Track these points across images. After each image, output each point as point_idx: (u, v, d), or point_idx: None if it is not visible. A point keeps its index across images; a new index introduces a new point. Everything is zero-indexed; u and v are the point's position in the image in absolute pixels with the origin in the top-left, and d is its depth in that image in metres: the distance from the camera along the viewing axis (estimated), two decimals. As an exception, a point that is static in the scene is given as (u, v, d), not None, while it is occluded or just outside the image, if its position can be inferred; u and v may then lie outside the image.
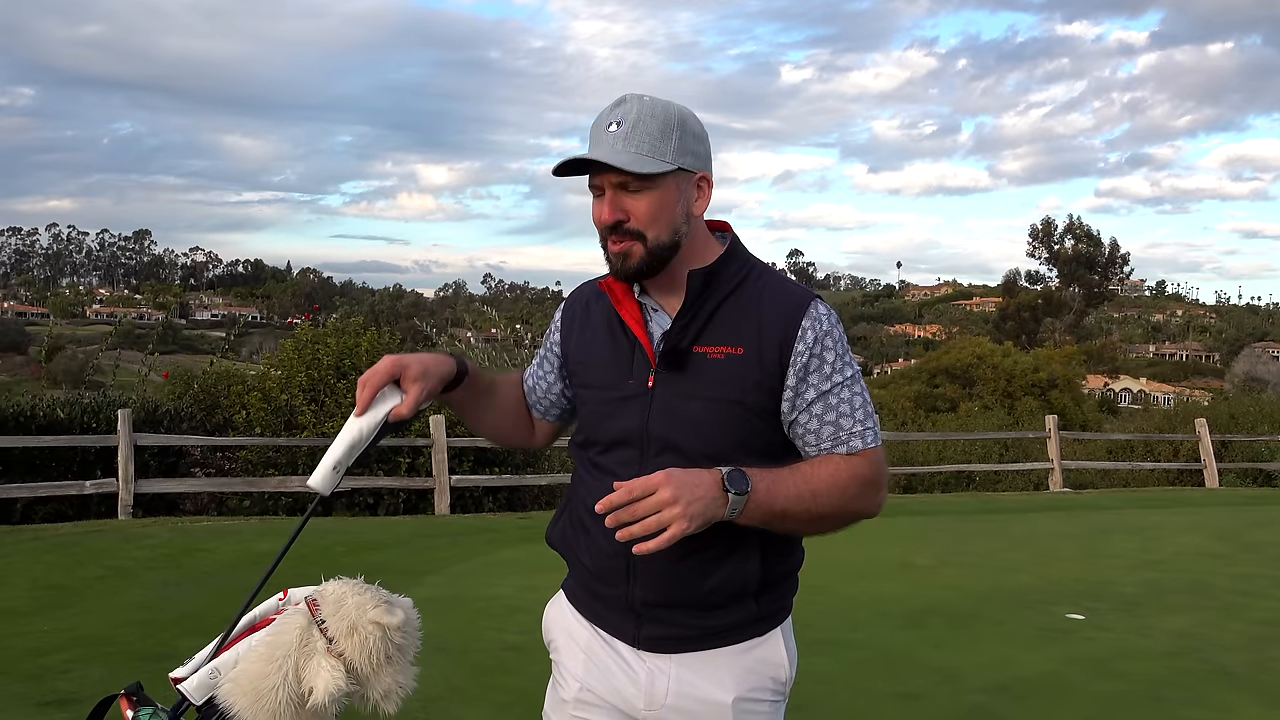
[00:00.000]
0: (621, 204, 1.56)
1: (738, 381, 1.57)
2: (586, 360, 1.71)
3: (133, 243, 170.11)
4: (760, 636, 1.65)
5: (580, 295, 1.79)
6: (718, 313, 1.60)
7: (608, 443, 1.65)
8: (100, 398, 10.09)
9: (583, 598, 1.73)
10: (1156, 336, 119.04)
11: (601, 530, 1.60)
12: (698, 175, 1.59)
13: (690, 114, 1.60)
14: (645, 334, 1.63)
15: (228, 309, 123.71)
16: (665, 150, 1.54)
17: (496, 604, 5.95)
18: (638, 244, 1.56)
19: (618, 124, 1.55)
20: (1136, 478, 15.23)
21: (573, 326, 1.76)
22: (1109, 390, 66.87)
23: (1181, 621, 5.88)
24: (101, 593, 6.10)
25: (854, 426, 1.58)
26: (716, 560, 1.60)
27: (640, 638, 1.65)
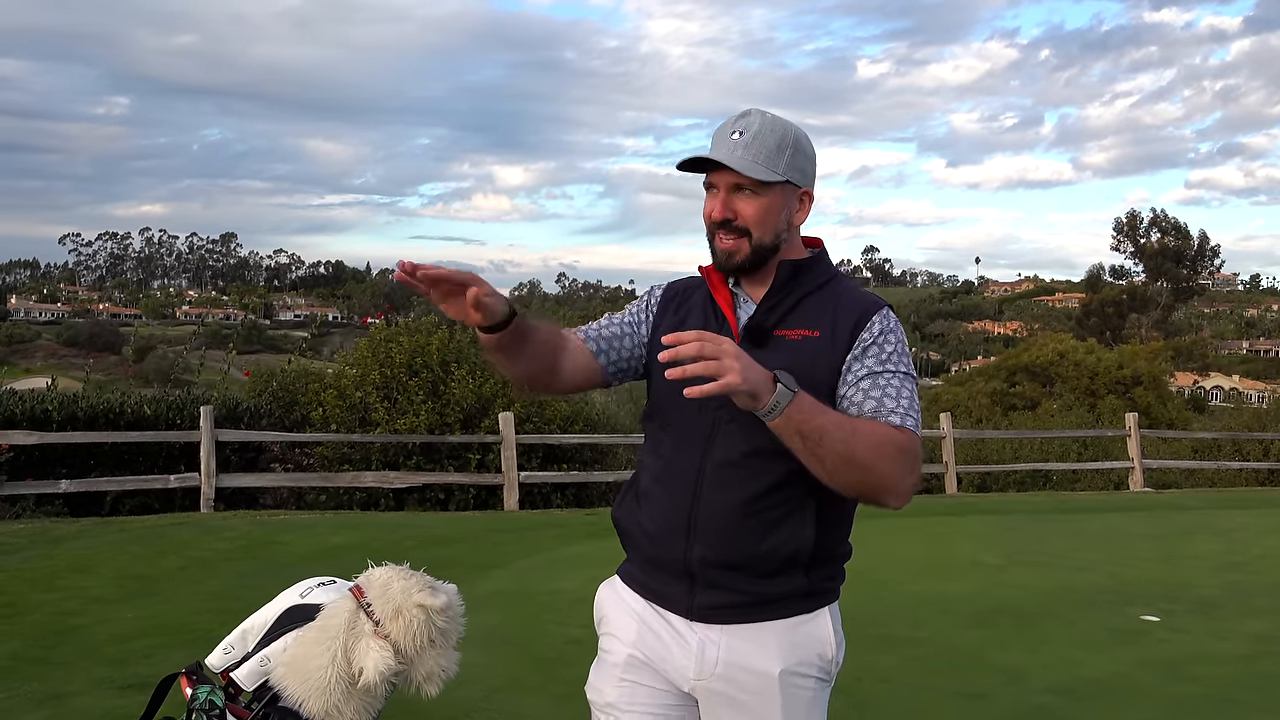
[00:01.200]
0: (733, 204, 1.71)
1: (813, 361, 1.68)
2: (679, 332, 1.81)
3: (220, 245, 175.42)
4: (809, 614, 1.74)
5: (679, 284, 1.92)
6: (800, 304, 1.74)
7: (682, 409, 1.69)
8: (184, 395, 10.47)
9: (638, 575, 1.81)
10: (1250, 332, 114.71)
11: (666, 492, 1.74)
12: (802, 190, 1.75)
13: (804, 136, 1.75)
14: (734, 317, 1.76)
15: (310, 309, 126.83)
16: (778, 163, 1.70)
17: (561, 598, 6.02)
18: (744, 241, 1.72)
19: (740, 133, 1.70)
20: (1223, 477, 14.73)
21: (669, 307, 1.86)
22: (1199, 388, 64.66)
23: (1262, 625, 5.69)
24: (183, 582, 6.33)
25: (895, 406, 1.65)
26: (775, 522, 1.68)
27: (694, 607, 1.72)
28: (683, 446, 1.74)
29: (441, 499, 10.44)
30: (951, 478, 12.80)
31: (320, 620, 1.84)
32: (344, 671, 1.78)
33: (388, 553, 7.61)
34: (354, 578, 1.93)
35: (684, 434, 1.73)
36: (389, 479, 9.97)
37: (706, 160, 1.71)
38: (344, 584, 1.99)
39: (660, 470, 1.77)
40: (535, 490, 10.56)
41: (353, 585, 1.89)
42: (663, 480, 1.76)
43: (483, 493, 10.55)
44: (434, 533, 8.35)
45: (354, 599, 1.84)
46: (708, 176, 1.74)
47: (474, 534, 8.39)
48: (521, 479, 10.25)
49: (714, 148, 1.73)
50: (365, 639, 1.79)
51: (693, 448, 1.72)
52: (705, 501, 1.70)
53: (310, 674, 1.78)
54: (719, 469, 1.70)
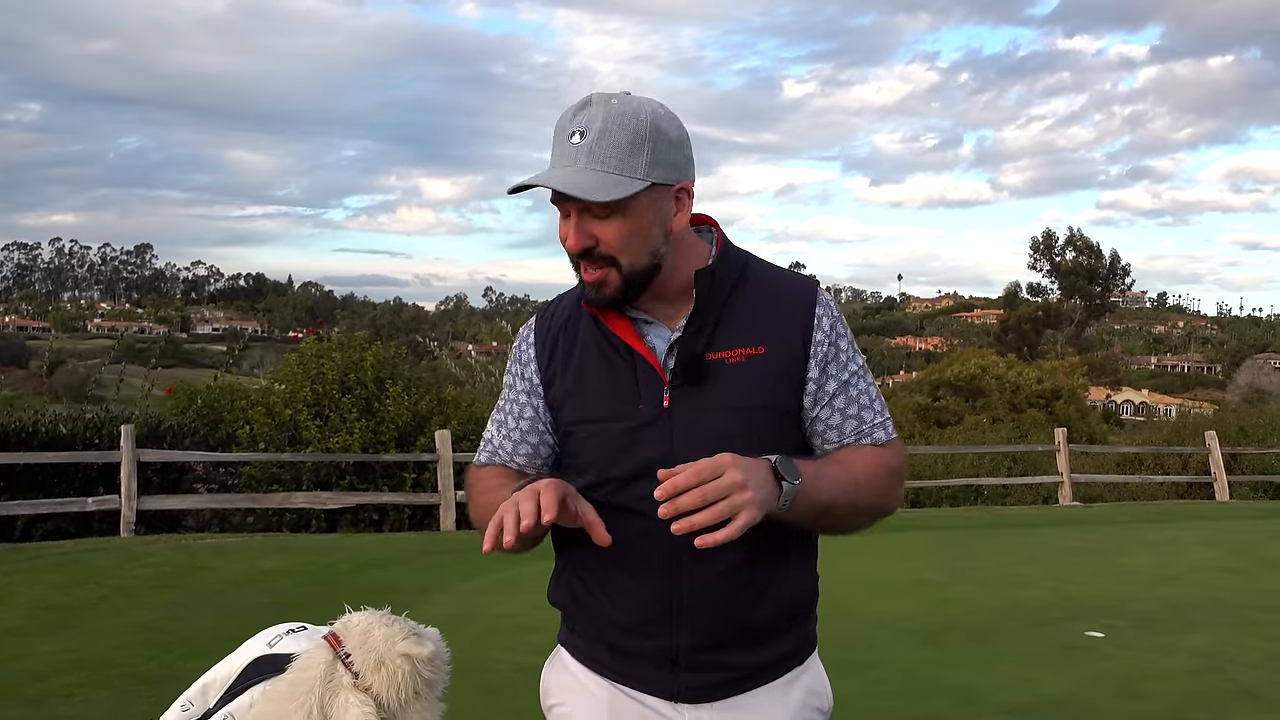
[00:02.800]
0: (589, 229, 1.40)
1: (764, 383, 1.44)
2: (577, 389, 1.50)
3: (134, 257, 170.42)
4: (800, 665, 1.56)
5: (551, 315, 1.57)
6: (725, 313, 1.46)
7: (624, 479, 1.45)
8: (103, 413, 10.00)
9: (602, 657, 1.54)
10: (1158, 348, 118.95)
11: (631, 578, 1.46)
12: (676, 186, 1.43)
13: (666, 115, 1.42)
14: (645, 347, 1.46)
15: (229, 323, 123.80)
16: (636, 165, 1.37)
17: (506, 622, 5.86)
18: (612, 271, 1.41)
19: (580, 134, 1.37)
20: (1146, 491, 15.12)
21: (552, 355, 1.53)
22: (1111, 402, 66.76)
23: (1203, 640, 5.78)
24: (104, 613, 6.00)
25: (875, 418, 1.50)
26: (766, 584, 1.48)
27: (680, 690, 1.49)
28: (641, 525, 1.41)
29: (375, 519, 10.15)
30: (887, 493, 12.87)
31: (292, 673, 1.68)
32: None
33: (322, 576, 7.36)
34: (329, 624, 1.77)
35: (638, 509, 1.40)
36: (321, 499, 9.66)
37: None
38: (317, 630, 1.83)
39: (617, 553, 1.40)
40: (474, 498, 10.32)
41: (328, 633, 1.73)
42: (623, 564, 1.45)
43: (418, 513, 10.29)
44: (369, 555, 8.09)
45: (330, 648, 1.68)
46: (554, 195, 1.39)
47: (411, 556, 8.16)
48: (459, 498, 10.02)
49: (553, 157, 1.40)
50: (344, 693, 1.64)
51: (654, 523, 1.31)
52: (687, 583, 1.45)
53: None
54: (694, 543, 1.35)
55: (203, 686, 1.80)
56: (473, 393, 12.35)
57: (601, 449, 1.47)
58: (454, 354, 42.49)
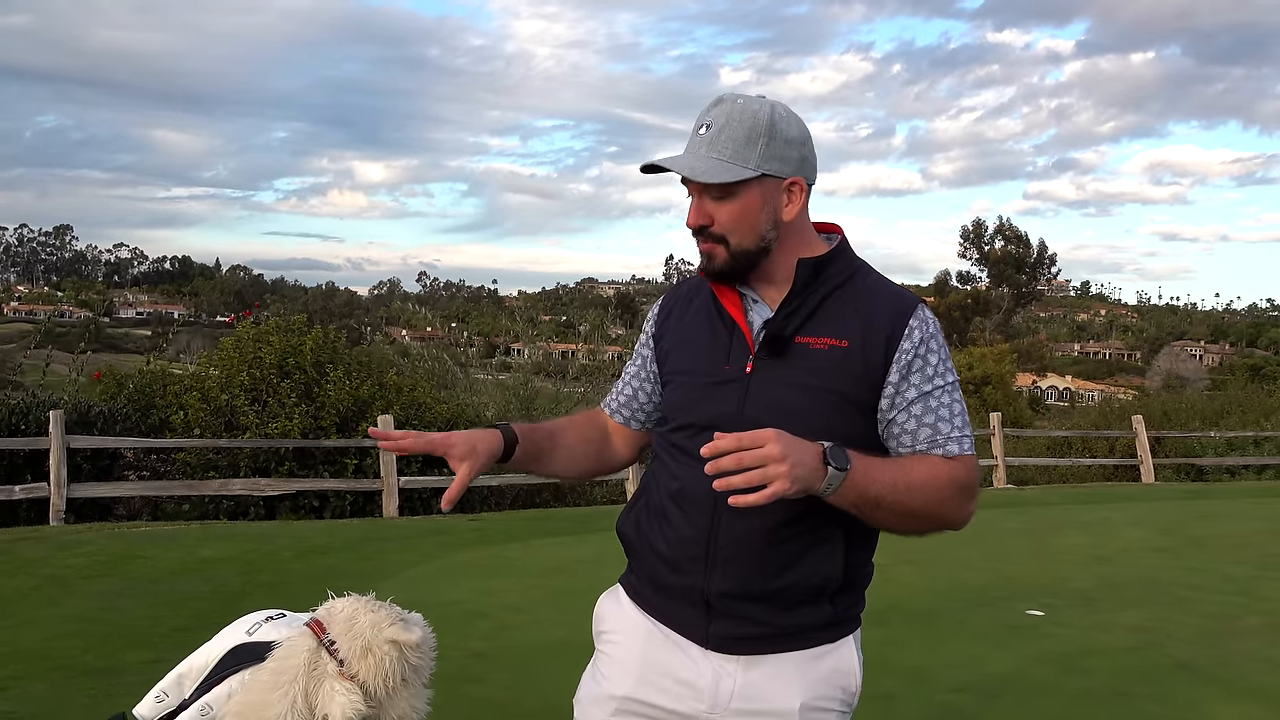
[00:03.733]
0: (705, 209, 1.58)
1: (840, 373, 1.56)
2: (681, 345, 1.70)
3: (53, 238, 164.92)
4: (833, 643, 1.62)
5: (681, 288, 1.79)
6: (823, 305, 1.60)
7: (699, 426, 1.59)
8: (29, 398, 9.66)
9: (648, 593, 1.67)
10: (1081, 335, 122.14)
11: (684, 515, 1.60)
12: (788, 180, 1.59)
13: (787, 116, 1.60)
14: (745, 321, 1.62)
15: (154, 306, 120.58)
16: (749, 156, 1.55)
17: (455, 609, 5.80)
18: (720, 247, 1.59)
19: (707, 127, 1.57)
20: (1075, 473, 15.55)
21: (670, 316, 1.75)
22: (1037, 388, 68.44)
23: (1138, 616, 5.96)
24: (37, 603, 5.80)
25: (952, 431, 1.57)
26: (801, 552, 1.57)
27: (710, 636, 1.60)
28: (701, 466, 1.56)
29: (316, 506, 9.97)
30: (827, 477, 13.06)
31: (274, 661, 1.63)
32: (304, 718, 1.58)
33: (265, 564, 7.20)
34: (312, 609, 1.72)
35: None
36: (259, 486, 9.46)
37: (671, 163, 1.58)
38: (297, 617, 1.78)
39: (676, 491, 1.63)
40: (416, 496, 10.20)
41: (311, 619, 1.68)
42: (680, 502, 1.62)
43: (360, 499, 10.14)
44: (312, 542, 7.94)
45: (313, 635, 1.64)
46: (683, 179, 1.60)
47: (354, 543, 8.03)
48: (402, 484, 9.90)
49: (687, 146, 1.60)
50: (329, 681, 1.59)
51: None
52: (725, 530, 1.57)
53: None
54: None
55: (178, 677, 1.73)
56: (422, 381, 12.16)
57: (686, 398, 1.65)
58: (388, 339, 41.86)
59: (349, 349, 12.65)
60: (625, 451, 1.85)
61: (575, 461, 1.79)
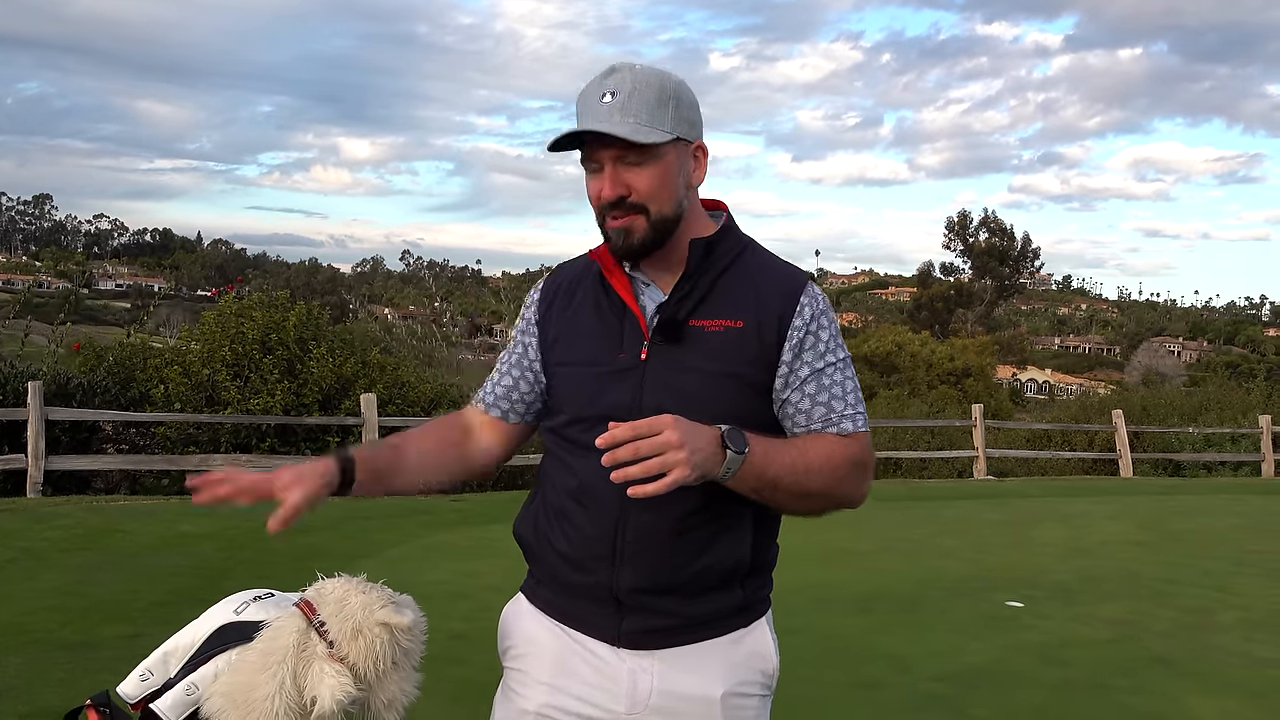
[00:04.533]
0: (622, 178, 1.50)
1: (736, 355, 1.52)
2: (569, 334, 1.62)
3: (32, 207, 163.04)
4: (746, 627, 1.59)
5: (561, 273, 1.70)
6: (715, 286, 1.56)
7: (594, 419, 1.53)
8: (7, 369, 9.54)
9: (552, 597, 1.61)
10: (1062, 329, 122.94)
11: (585, 513, 1.55)
12: (694, 145, 1.56)
13: (683, 82, 1.55)
14: (637, 306, 1.56)
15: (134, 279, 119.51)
16: (663, 119, 1.49)
17: (437, 590, 5.78)
18: (640, 218, 1.51)
19: (612, 94, 1.48)
20: (1054, 466, 15.65)
21: (552, 303, 1.66)
22: (1017, 380, 68.91)
23: (1117, 609, 6.00)
24: (13, 576, 5.74)
25: (845, 409, 1.55)
26: (709, 540, 1.53)
27: (621, 634, 1.55)
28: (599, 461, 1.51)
29: (297, 484, 9.92)
30: (809, 465, 13.10)
31: (262, 642, 1.60)
32: (293, 701, 1.55)
33: (246, 541, 7.14)
34: (302, 590, 1.69)
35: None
36: (241, 462, 9.39)
37: (582, 135, 1.49)
38: (285, 597, 1.75)
39: (575, 488, 1.55)
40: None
41: (300, 600, 1.65)
42: (580, 499, 1.55)
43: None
44: (293, 520, 7.89)
45: (303, 616, 1.61)
46: (585, 154, 1.51)
47: (336, 521, 7.98)
48: (383, 463, 9.84)
49: (584, 118, 1.49)
50: (318, 663, 1.56)
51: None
52: (631, 524, 1.52)
53: (253, 705, 1.54)
54: None
55: (163, 655, 1.70)
56: (405, 359, 12.10)
57: (579, 389, 1.58)
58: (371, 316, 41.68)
59: (332, 325, 12.57)
60: (498, 449, 1.72)
61: (433, 468, 1.66)
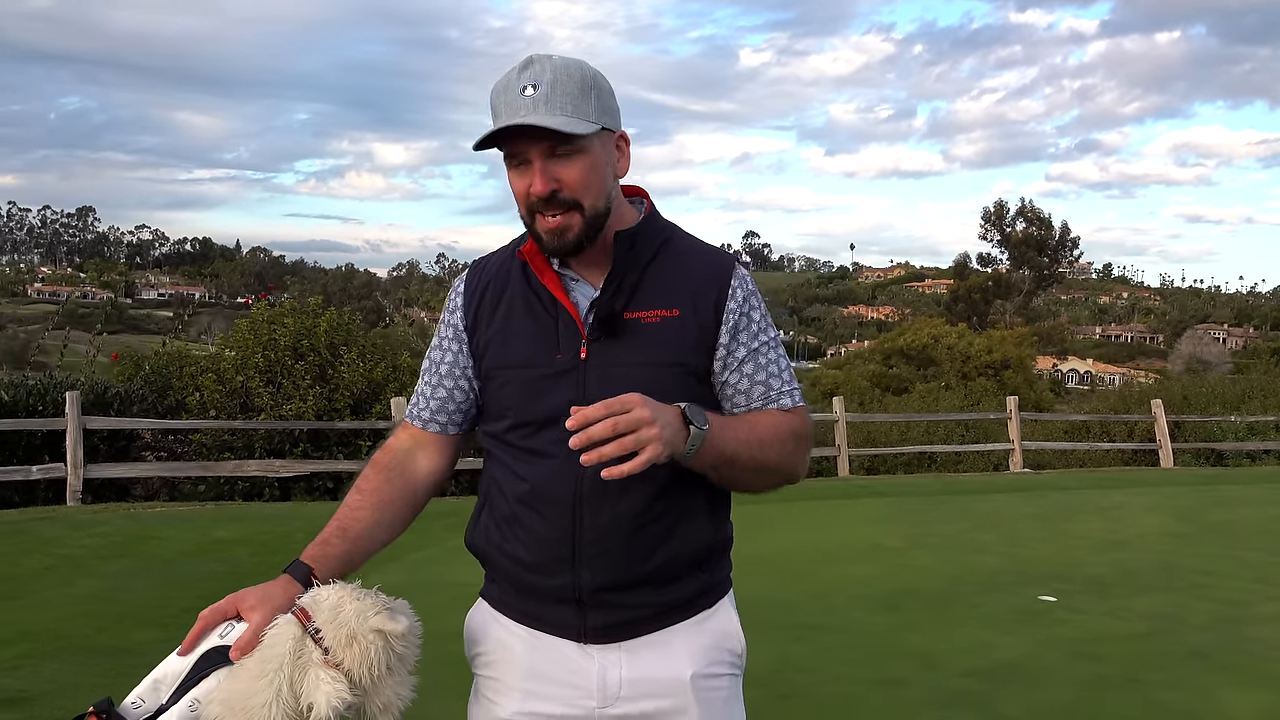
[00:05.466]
0: (552, 172, 1.45)
1: (676, 343, 1.52)
2: (502, 337, 1.58)
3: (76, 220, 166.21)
4: (710, 608, 1.59)
5: (483, 270, 1.65)
6: (645, 276, 1.54)
7: (539, 422, 1.52)
8: (46, 379, 9.73)
9: (513, 600, 1.60)
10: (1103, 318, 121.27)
11: (539, 517, 1.53)
12: (617, 135, 1.53)
13: (600, 71, 1.52)
14: (570, 303, 1.53)
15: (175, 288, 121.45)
16: (587, 109, 1.45)
17: (462, 591, 5.77)
18: (575, 215, 1.47)
19: (533, 86, 1.43)
20: (1093, 458, 15.42)
21: (481, 301, 1.61)
22: (1057, 371, 68.04)
23: (1152, 603, 5.90)
24: (52, 583, 5.85)
25: (783, 386, 1.57)
26: (670, 529, 1.53)
27: (586, 630, 1.55)
28: (550, 466, 1.51)
29: (330, 488, 10.02)
30: (844, 460, 13.01)
31: (259, 650, 1.61)
32: (290, 709, 1.56)
33: (277, 546, 7.24)
34: (298, 599, 1.70)
35: (549, 452, 1.50)
36: (274, 467, 9.51)
37: (508, 130, 1.43)
38: None
39: (526, 494, 1.53)
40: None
41: (296, 608, 1.66)
42: (532, 504, 1.53)
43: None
44: (324, 524, 7.97)
45: (298, 623, 1.62)
46: (509, 149, 1.46)
47: (367, 524, 8.07)
48: (415, 466, 9.92)
49: (505, 112, 1.44)
50: (314, 669, 1.57)
51: (563, 466, 1.46)
52: (589, 524, 1.51)
53: (251, 712, 1.55)
54: (598, 485, 1.43)
55: (154, 682, 1.72)
56: (429, 360, 12.20)
57: (519, 393, 1.55)
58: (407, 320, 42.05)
59: (368, 330, 12.69)
60: (443, 464, 1.72)
61: (388, 528, 1.68)
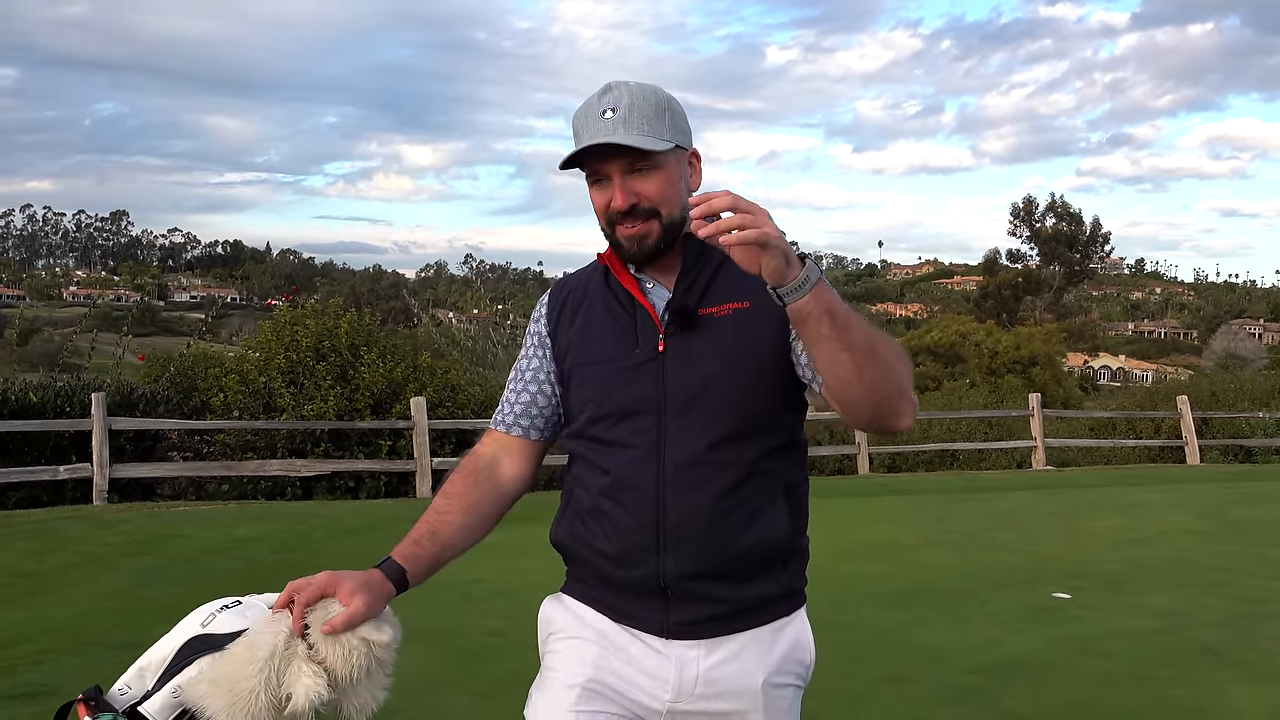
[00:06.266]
0: (632, 187, 1.57)
1: (749, 332, 1.57)
2: (584, 338, 1.68)
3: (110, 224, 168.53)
4: (787, 616, 1.64)
5: (566, 283, 1.77)
6: (717, 275, 1.60)
7: (620, 414, 1.60)
8: (74, 381, 9.92)
9: (598, 594, 1.66)
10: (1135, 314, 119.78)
11: (622, 508, 1.59)
12: (690, 152, 1.64)
13: (672, 95, 1.63)
14: (648, 302, 1.62)
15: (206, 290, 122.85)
16: (662, 129, 1.57)
17: (479, 588, 5.87)
18: (654, 222, 1.57)
19: (613, 110, 1.56)
20: (1118, 455, 15.28)
21: (561, 313, 1.73)
22: (1089, 368, 67.32)
23: (1167, 600, 5.86)
24: (75, 580, 5.98)
25: None
26: (749, 518, 1.57)
27: (670, 624, 1.59)
28: (631, 455, 1.59)
29: (351, 487, 10.14)
30: (864, 458, 12.99)
31: (251, 637, 1.67)
32: (274, 697, 1.62)
33: (297, 544, 7.33)
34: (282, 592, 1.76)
35: (630, 442, 1.59)
36: (296, 467, 9.64)
37: (590, 150, 1.55)
38: (252, 603, 1.81)
39: (609, 485, 1.61)
40: (448, 476, 10.35)
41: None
42: (615, 495, 1.60)
43: (394, 480, 10.29)
44: (344, 522, 8.08)
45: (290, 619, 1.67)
46: (591, 168, 1.59)
47: (386, 523, 8.14)
48: (434, 465, 10.02)
49: (587, 134, 1.57)
50: (298, 662, 1.63)
51: (645, 455, 1.57)
52: (671, 510, 1.56)
53: (238, 695, 1.61)
54: (679, 472, 1.55)
55: (139, 670, 1.78)
56: (454, 361, 12.31)
57: (600, 387, 1.63)
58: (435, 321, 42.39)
59: (395, 330, 12.81)
60: (526, 470, 1.78)
61: (477, 532, 1.74)
